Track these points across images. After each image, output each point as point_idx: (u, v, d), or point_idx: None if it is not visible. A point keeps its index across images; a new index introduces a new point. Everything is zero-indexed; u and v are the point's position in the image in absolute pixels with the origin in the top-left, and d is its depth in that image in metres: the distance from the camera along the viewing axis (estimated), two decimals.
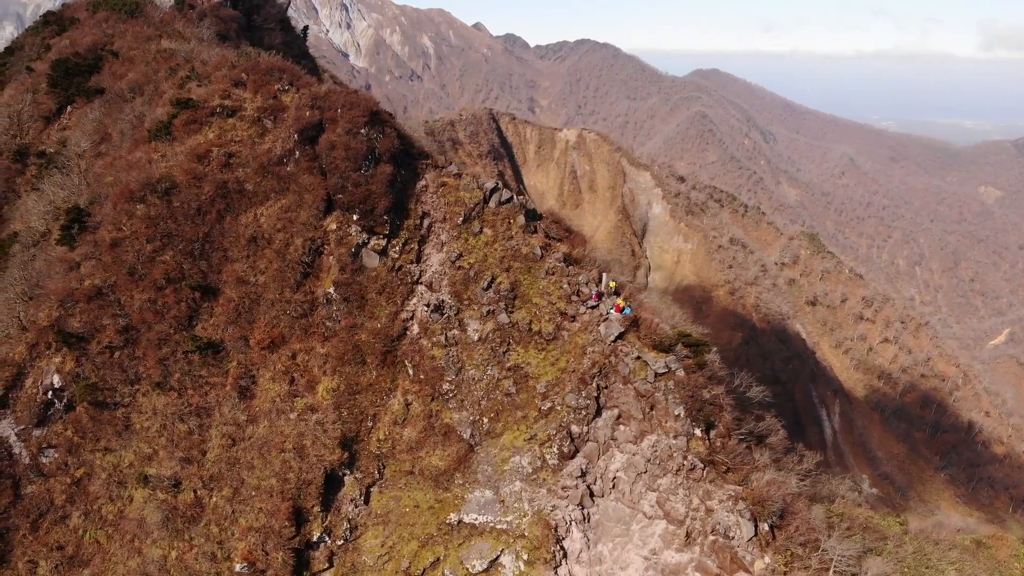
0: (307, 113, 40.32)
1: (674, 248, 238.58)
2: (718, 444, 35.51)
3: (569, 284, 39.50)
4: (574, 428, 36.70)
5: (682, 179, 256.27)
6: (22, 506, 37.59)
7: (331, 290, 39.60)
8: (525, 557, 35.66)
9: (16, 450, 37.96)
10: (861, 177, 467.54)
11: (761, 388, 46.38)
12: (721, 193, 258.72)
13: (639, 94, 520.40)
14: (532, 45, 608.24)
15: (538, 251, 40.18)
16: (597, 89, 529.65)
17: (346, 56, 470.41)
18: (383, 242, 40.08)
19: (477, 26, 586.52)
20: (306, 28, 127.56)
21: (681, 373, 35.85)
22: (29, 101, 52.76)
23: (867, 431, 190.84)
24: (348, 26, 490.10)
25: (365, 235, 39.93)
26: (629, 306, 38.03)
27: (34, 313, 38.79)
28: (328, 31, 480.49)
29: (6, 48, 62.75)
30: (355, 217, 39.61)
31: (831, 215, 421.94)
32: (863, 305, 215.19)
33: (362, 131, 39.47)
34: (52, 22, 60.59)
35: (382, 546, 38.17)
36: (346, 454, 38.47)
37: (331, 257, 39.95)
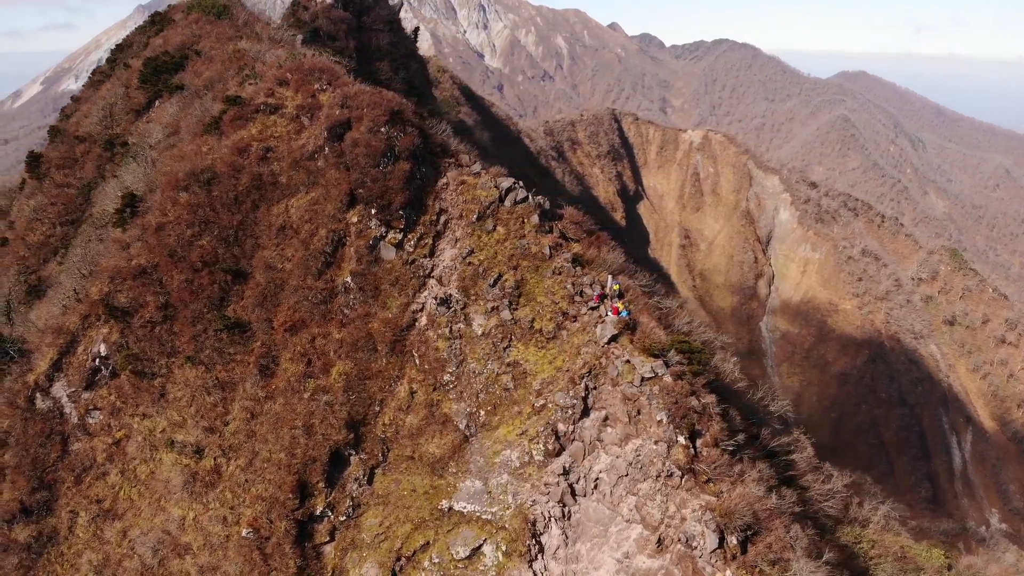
0: (337, 111, 42.72)
1: (800, 257, 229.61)
2: (704, 453, 35.07)
3: (573, 285, 39.95)
4: (560, 427, 37.18)
5: (814, 185, 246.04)
6: (68, 461, 41.95)
7: (349, 279, 41.82)
8: (504, 548, 36.55)
9: (67, 410, 42.38)
10: (1019, 191, 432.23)
11: (784, 402, 45.00)
12: (856, 201, 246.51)
13: (778, 96, 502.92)
14: (668, 45, 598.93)
15: (547, 250, 40.84)
16: (734, 90, 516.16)
17: (481, 57, 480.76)
18: (399, 236, 41.92)
19: (612, 26, 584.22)
20: (416, 30, 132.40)
21: (668, 379, 35.60)
22: (122, 95, 58.29)
23: (1001, 463, 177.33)
24: (485, 27, 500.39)
25: (383, 228, 41.90)
26: (627, 309, 38.06)
27: (88, 287, 43.19)
28: (465, 32, 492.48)
29: (117, 45, 69.19)
30: (373, 211, 41.65)
31: (982, 230, 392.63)
32: (1006, 328, 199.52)
33: (382, 129, 41.44)
34: (156, 22, 66.47)
35: (380, 525, 40.01)
36: (352, 435, 40.57)
37: (351, 248, 42.17)
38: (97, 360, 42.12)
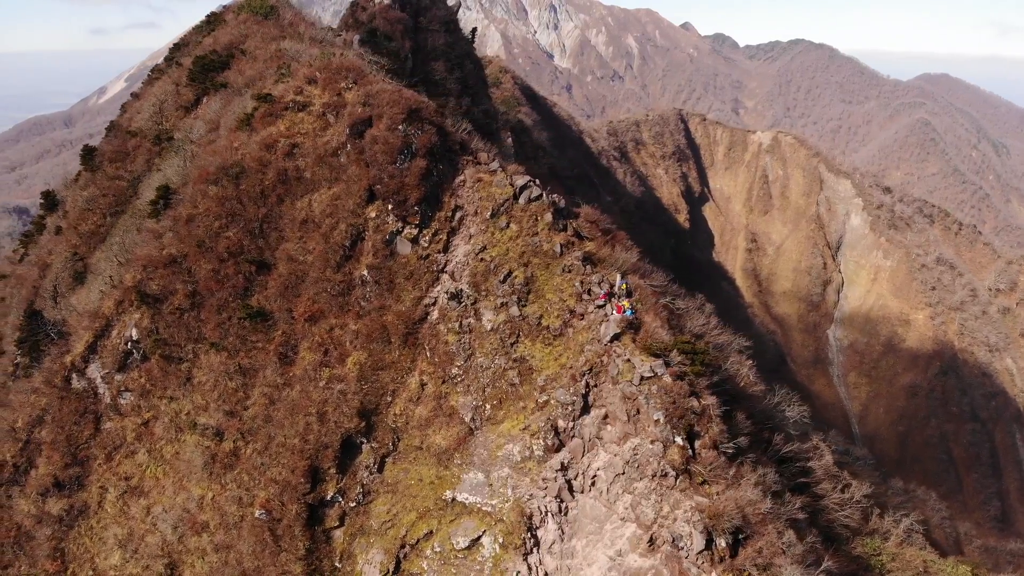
0: (359, 109, 43.92)
1: (871, 264, 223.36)
2: (702, 455, 34.96)
3: (582, 283, 40.23)
4: (560, 423, 37.53)
5: (887, 190, 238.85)
6: (100, 439, 44.24)
7: (365, 273, 42.97)
8: (500, 540, 37.12)
9: (101, 390, 44.68)
10: None
11: (803, 408, 44.22)
12: (932, 208, 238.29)
13: (855, 98, 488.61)
14: (742, 45, 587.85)
15: (558, 248, 41.19)
16: (809, 91, 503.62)
17: (551, 57, 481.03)
18: (415, 231, 42.87)
19: (685, 26, 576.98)
20: (474, 30, 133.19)
21: (667, 379, 35.57)
22: (172, 92, 60.86)
23: None
24: (555, 27, 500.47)
25: (399, 224, 42.92)
26: (632, 308, 38.12)
27: (123, 274, 45.44)
28: (536, 32, 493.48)
29: (175, 44, 72.12)
30: (390, 207, 42.71)
31: None
32: None
33: (400, 127, 42.44)
34: (211, 22, 69.10)
35: (387, 513, 41.04)
36: (363, 423, 41.69)
37: (369, 243, 43.31)
38: (129, 344, 44.29)
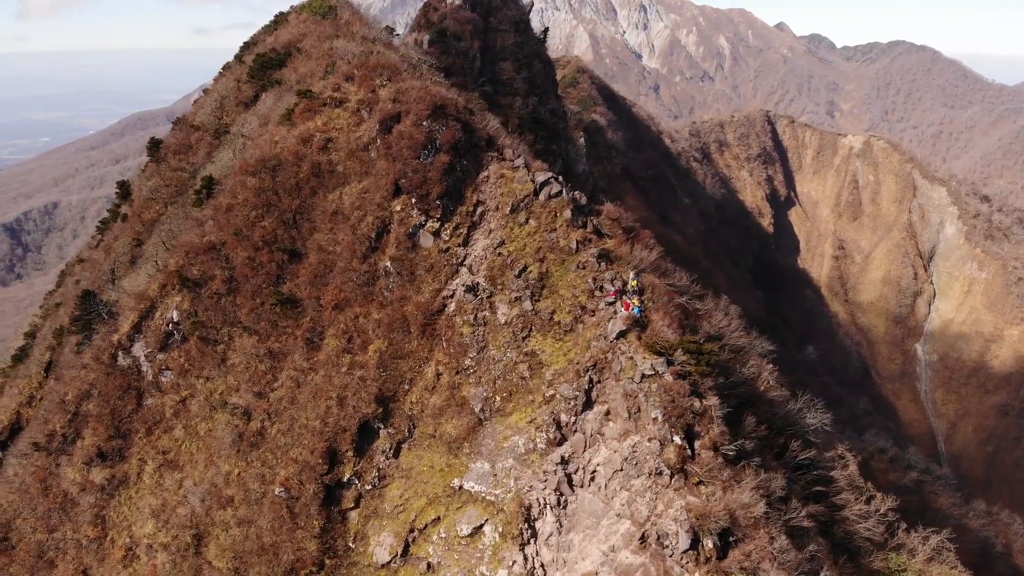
0: (389, 105, 45.28)
1: (965, 275, 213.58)
2: (701, 455, 34.78)
3: (595, 280, 40.44)
4: (563, 417, 37.90)
5: (986, 199, 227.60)
6: (141, 414, 47.01)
7: (389, 264, 44.30)
8: (500, 530, 37.82)
9: (144, 368, 47.47)
10: None
11: (827, 414, 43.16)
12: None
13: (958, 102, 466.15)
14: (839, 46, 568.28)
15: (574, 245, 41.53)
16: (909, 95, 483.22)
17: (639, 57, 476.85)
18: (437, 224, 43.96)
19: (779, 26, 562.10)
20: (546, 30, 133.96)
21: (668, 378, 35.46)
22: (233, 88, 63.86)
23: None
24: (645, 27, 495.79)
25: (422, 217, 44.07)
26: (640, 307, 38.13)
27: (168, 259, 48.13)
28: (624, 32, 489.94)
29: (244, 42, 75.41)
30: (414, 200, 43.90)
31: None
32: None
33: (425, 123, 43.57)
34: (277, 21, 72.06)
35: (400, 497, 42.27)
36: (380, 409, 43.02)
37: (393, 235, 44.62)
38: (171, 325, 46.89)
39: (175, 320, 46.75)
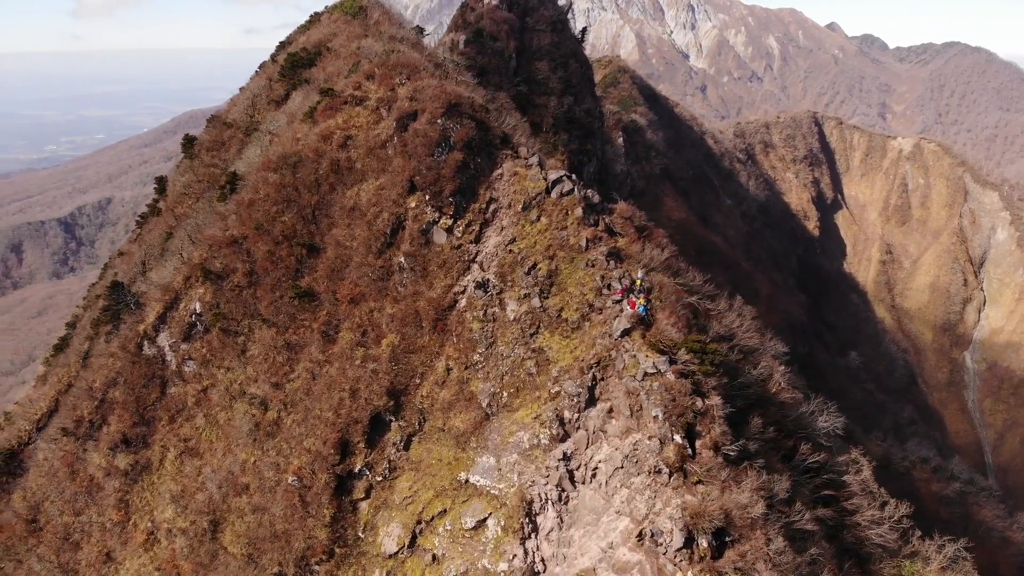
0: (406, 104, 46.00)
1: (1017, 283, 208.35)
2: (702, 455, 34.76)
3: (603, 278, 40.59)
4: (566, 414, 38.13)
5: None
6: (165, 403, 48.49)
7: (403, 259, 45.02)
8: (502, 524, 38.24)
9: (168, 358, 48.93)
10: None
11: (841, 419, 42.67)
12: None
13: (1014, 105, 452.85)
14: (892, 47, 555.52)
15: (584, 243, 41.72)
16: (964, 97, 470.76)
17: (686, 57, 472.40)
18: (450, 221, 44.52)
19: (831, 26, 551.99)
20: (584, 30, 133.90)
21: (670, 376, 35.49)
22: (266, 86, 65.31)
23: None
24: (692, 27, 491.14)
25: (436, 214, 44.69)
26: (645, 305, 38.18)
27: (192, 252, 49.52)
28: (672, 32, 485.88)
29: (280, 42, 76.95)
30: (427, 197, 44.54)
31: None
32: None
33: (439, 121, 44.17)
34: (312, 20, 73.41)
35: (409, 489, 42.94)
36: (392, 402, 43.75)
37: (407, 231, 45.31)
38: (194, 316, 48.27)
39: (198, 311, 48.10)
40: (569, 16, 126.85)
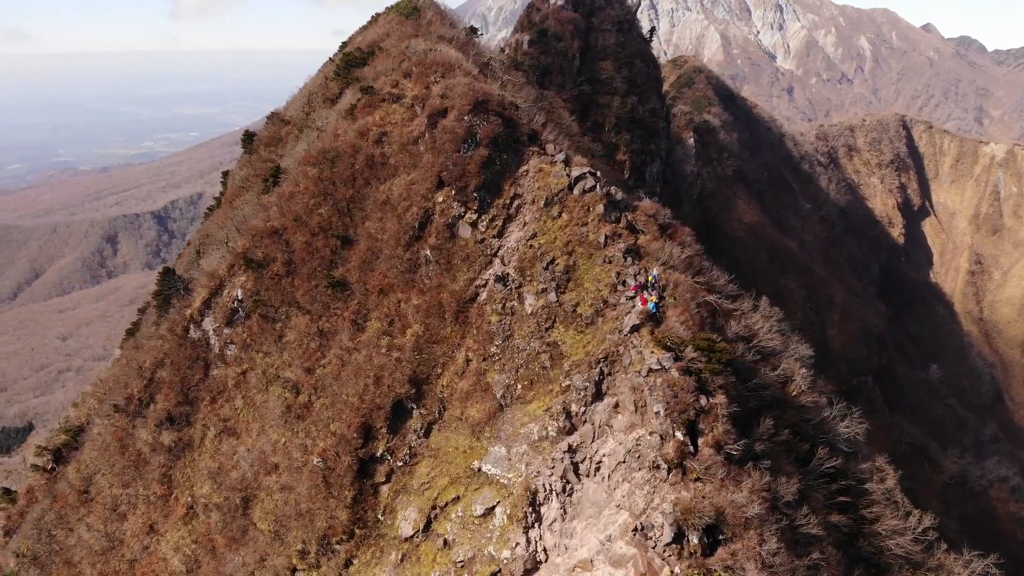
0: (438, 101, 47.28)
1: None
2: (704, 452, 34.82)
3: (618, 274, 40.95)
4: (573, 407, 38.68)
5: None
6: (207, 384, 51.06)
7: (429, 252, 46.31)
8: (508, 512, 39.03)
9: (212, 341, 51.52)
10: None
11: (863, 424, 41.83)
12: None
13: None
14: (991, 49, 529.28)
15: (603, 239, 42.15)
16: None
17: (773, 58, 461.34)
18: (475, 216, 45.58)
19: (926, 27, 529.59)
20: (652, 30, 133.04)
21: (674, 373, 35.64)
22: (322, 85, 67.75)
23: None
24: (780, 27, 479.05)
25: (461, 209, 45.81)
26: (656, 303, 38.38)
27: (237, 241, 52.01)
28: (759, 32, 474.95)
29: (342, 43, 79.47)
30: (454, 192, 45.71)
31: None
32: None
33: (466, 117, 45.27)
34: (371, 21, 75.65)
35: (427, 475, 44.21)
36: (414, 390, 45.09)
37: (434, 225, 46.58)
38: (236, 303, 50.70)
39: (240, 298, 50.50)
40: (645, 15, 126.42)
